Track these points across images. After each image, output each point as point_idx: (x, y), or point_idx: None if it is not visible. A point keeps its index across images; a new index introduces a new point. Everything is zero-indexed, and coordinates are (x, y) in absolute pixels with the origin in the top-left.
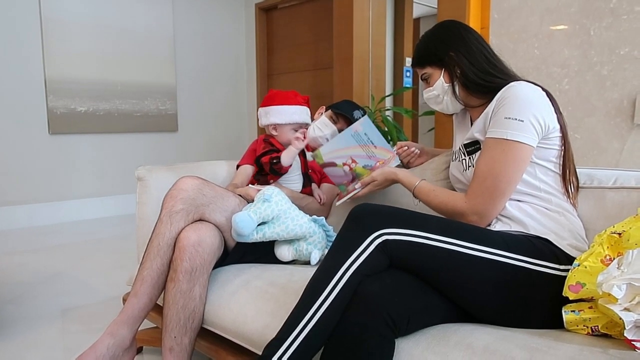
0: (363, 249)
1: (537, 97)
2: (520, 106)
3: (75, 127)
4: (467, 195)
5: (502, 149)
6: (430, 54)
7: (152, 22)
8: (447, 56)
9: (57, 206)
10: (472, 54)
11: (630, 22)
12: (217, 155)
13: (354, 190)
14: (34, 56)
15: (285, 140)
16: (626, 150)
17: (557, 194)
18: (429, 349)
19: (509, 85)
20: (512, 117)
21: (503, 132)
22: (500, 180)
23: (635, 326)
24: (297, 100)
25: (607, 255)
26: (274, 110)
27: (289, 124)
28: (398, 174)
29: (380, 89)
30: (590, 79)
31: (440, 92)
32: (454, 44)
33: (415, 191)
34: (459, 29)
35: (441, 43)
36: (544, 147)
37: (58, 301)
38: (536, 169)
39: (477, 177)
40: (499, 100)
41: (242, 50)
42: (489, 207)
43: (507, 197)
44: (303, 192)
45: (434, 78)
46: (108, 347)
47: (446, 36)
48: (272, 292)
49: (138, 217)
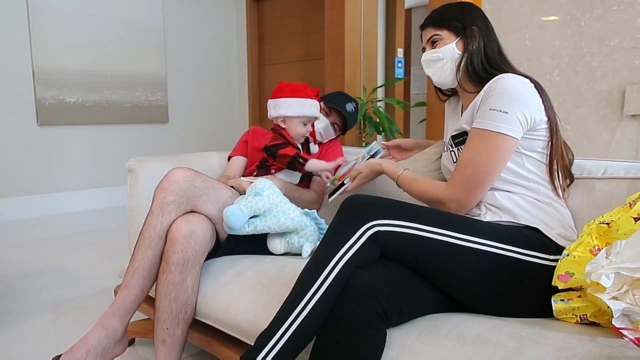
0: (355, 240)
1: (525, 90)
2: (507, 99)
3: (65, 118)
4: (448, 183)
5: (484, 139)
6: (454, 18)
7: (142, 11)
8: (470, 28)
9: (47, 198)
10: (490, 40)
11: (621, 13)
12: (208, 147)
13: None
14: (22, 46)
15: (294, 132)
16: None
17: (545, 184)
18: (420, 339)
19: (498, 77)
20: (497, 109)
21: (487, 123)
22: (481, 170)
23: (623, 314)
24: (307, 93)
25: (595, 246)
26: (284, 103)
27: (298, 116)
28: (382, 164)
29: (372, 80)
30: (580, 70)
31: (447, 57)
32: (479, 23)
33: (398, 180)
34: (483, 13)
35: (468, 15)
36: (530, 137)
37: (49, 294)
38: (524, 159)
39: (458, 166)
40: (486, 92)
41: (233, 41)
42: (468, 196)
43: (487, 187)
44: (298, 185)
45: (445, 42)
46: (99, 339)
47: (474, 12)
48: (265, 284)
49: (129, 209)
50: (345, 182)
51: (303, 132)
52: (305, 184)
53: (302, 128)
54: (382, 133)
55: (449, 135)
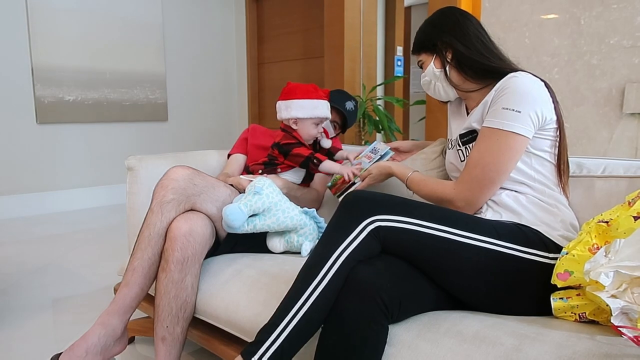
0: (356, 235)
1: (537, 89)
2: (520, 98)
3: (64, 116)
4: (457, 182)
5: (496, 138)
6: (424, 40)
7: (141, 9)
8: (439, 41)
9: (46, 196)
10: (468, 38)
11: (620, 11)
12: (207, 145)
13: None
14: (21, 44)
15: (305, 134)
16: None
17: (551, 185)
18: (420, 336)
19: (510, 76)
20: (509, 108)
21: (499, 122)
22: (491, 169)
23: (622, 313)
24: (319, 95)
25: (594, 244)
26: (296, 104)
27: (311, 118)
28: (392, 167)
29: (372, 78)
30: (579, 68)
31: (431, 77)
32: (449, 30)
33: (407, 182)
34: (456, 15)
35: (434, 29)
36: (539, 137)
37: (48, 292)
38: (532, 159)
39: (468, 165)
40: (498, 91)
41: (232, 39)
42: (477, 195)
43: (496, 187)
44: (301, 186)
45: (426, 64)
46: (99, 337)
47: (441, 22)
48: (264, 282)
49: (128, 207)
50: (355, 181)
51: (315, 133)
52: (306, 184)
53: (314, 129)
54: (382, 131)
55: (457, 134)
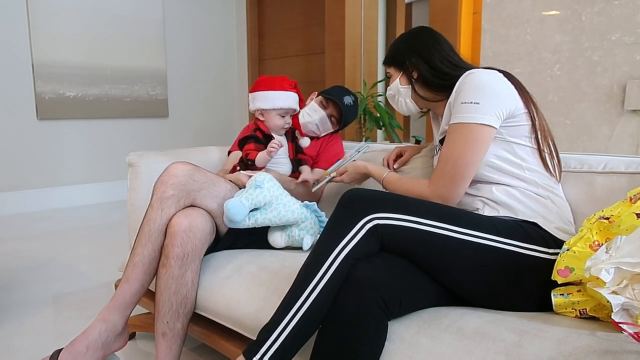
0: (354, 233)
1: (493, 79)
2: (476, 90)
3: (64, 112)
4: (431, 180)
5: (460, 132)
6: (395, 55)
7: (142, 5)
8: (407, 61)
9: (47, 193)
10: (434, 62)
11: (622, 8)
12: (208, 141)
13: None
14: (21, 40)
15: (271, 125)
16: (616, 135)
17: (541, 171)
18: (420, 332)
19: (467, 74)
20: (467, 101)
21: (460, 116)
22: (460, 163)
23: (623, 309)
24: (283, 86)
25: (595, 241)
26: (260, 96)
27: (274, 109)
28: (368, 167)
29: (372, 74)
30: (581, 65)
31: (395, 92)
32: (418, 50)
33: (383, 182)
34: (426, 37)
35: (406, 48)
36: (514, 125)
37: (49, 288)
38: (514, 147)
39: (439, 162)
40: (457, 90)
41: (233, 35)
42: (451, 190)
43: (468, 180)
44: (291, 177)
45: (393, 78)
46: (100, 332)
47: (413, 42)
48: (265, 278)
49: (129, 203)
50: (332, 175)
51: (281, 124)
52: (296, 174)
53: (279, 120)
54: (383, 128)
55: (438, 139)
